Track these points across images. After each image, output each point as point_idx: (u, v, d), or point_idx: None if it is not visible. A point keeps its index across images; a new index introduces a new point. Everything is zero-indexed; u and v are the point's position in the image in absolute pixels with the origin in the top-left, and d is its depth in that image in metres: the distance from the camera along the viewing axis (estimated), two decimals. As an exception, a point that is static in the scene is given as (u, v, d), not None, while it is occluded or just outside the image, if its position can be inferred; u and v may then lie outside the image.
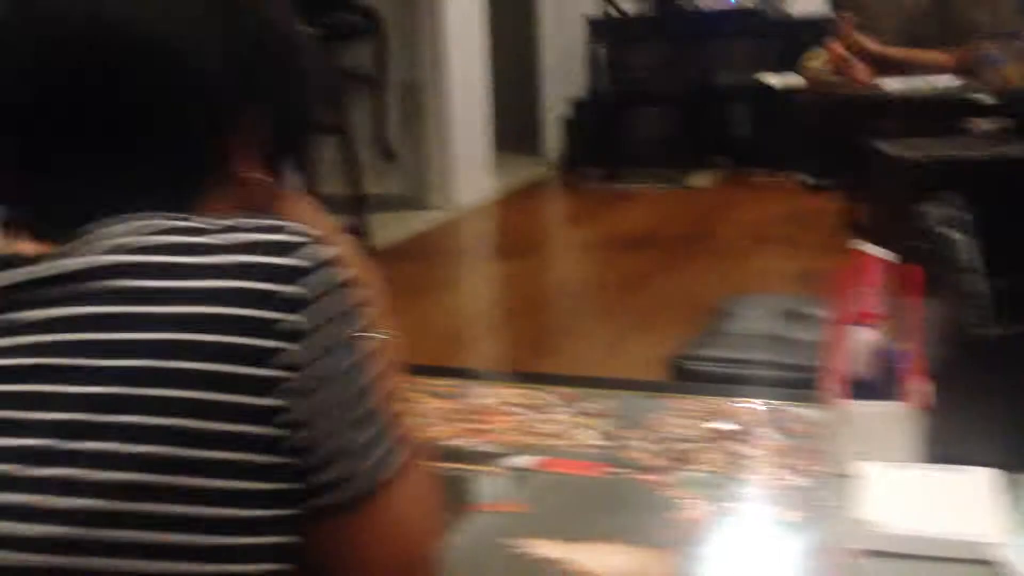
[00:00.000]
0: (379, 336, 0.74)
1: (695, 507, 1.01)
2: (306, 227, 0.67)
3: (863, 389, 1.05)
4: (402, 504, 0.69)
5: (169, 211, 0.66)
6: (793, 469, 1.07)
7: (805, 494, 1.02)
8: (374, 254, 3.94)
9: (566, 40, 6.38)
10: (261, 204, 0.74)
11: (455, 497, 1.06)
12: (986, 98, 3.12)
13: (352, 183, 3.82)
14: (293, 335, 0.63)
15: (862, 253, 1.11)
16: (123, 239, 0.63)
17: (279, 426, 0.63)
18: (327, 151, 4.50)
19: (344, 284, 0.67)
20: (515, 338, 3.63)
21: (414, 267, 4.55)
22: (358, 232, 3.89)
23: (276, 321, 0.63)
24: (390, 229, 4.95)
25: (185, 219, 0.65)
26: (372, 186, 5.78)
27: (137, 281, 0.62)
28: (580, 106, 6.30)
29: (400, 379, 0.77)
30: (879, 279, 1.09)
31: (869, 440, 1.03)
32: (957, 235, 0.91)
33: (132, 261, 0.63)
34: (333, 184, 4.16)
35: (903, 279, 1.08)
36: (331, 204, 4.25)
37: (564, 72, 6.43)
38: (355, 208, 3.88)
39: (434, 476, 0.76)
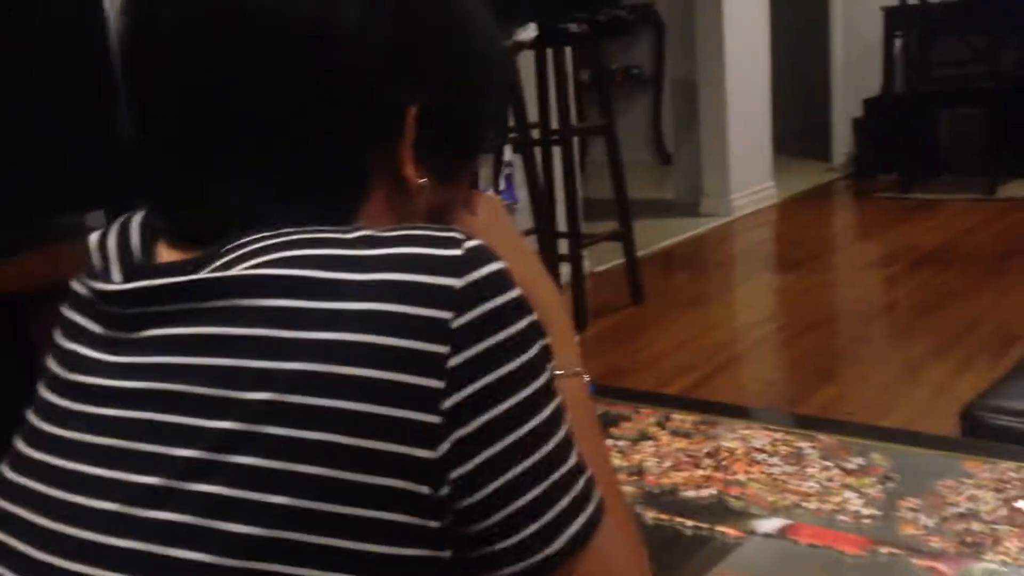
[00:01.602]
0: (562, 371, 0.61)
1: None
2: (474, 241, 0.57)
3: None
4: (594, 570, 0.58)
5: (326, 221, 0.59)
6: None
7: None
8: (636, 262, 3.79)
9: (861, 33, 5.96)
10: (434, 211, 0.65)
11: (683, 560, 0.89)
12: None
13: (616, 186, 3.68)
14: (451, 376, 0.53)
15: None
16: (273, 254, 0.56)
17: (441, 485, 0.54)
18: (596, 153, 4.41)
19: (512, 309, 0.56)
20: (789, 362, 3.34)
21: (681, 277, 4.36)
22: (622, 238, 3.74)
23: (435, 356, 0.53)
24: (661, 235, 4.79)
25: (340, 230, 0.58)
26: (646, 190, 5.65)
27: (284, 301, 0.54)
28: (874, 105, 5.84)
29: (589, 419, 0.63)
30: None
31: None
32: None
33: (279, 275, 0.55)
34: (600, 188, 4.07)
35: None
36: (599, 208, 4.16)
37: (857, 68, 6.01)
38: (620, 212, 3.74)
39: (638, 536, 0.64)
